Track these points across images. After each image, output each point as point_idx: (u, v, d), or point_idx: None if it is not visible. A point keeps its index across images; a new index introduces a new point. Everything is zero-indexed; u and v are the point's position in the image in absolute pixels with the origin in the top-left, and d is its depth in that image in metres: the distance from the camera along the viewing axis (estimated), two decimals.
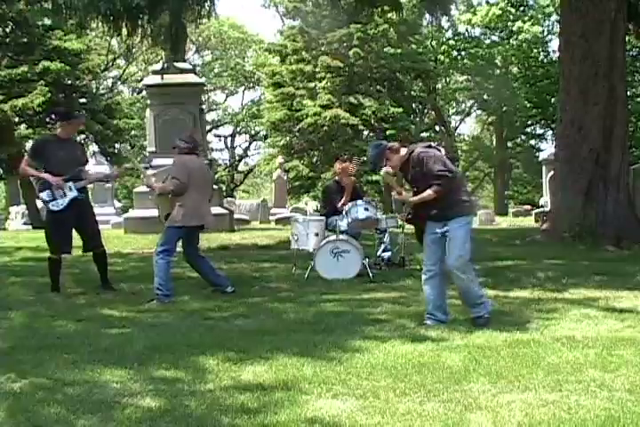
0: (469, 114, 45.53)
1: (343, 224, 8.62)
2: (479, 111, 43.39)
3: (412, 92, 34.50)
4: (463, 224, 5.59)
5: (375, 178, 30.86)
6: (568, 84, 12.21)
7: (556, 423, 3.41)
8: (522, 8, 36.10)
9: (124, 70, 43.87)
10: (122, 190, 42.08)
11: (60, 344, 5.12)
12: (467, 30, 37.79)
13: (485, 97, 38.16)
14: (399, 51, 32.06)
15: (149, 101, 16.39)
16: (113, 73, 44.02)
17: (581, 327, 5.47)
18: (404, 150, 5.73)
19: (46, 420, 3.56)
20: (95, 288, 7.76)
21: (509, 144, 40.81)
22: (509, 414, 3.54)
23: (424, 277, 5.76)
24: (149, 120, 15.59)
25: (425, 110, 37.06)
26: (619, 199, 11.71)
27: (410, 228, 6.60)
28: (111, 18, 12.29)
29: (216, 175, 31.92)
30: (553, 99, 29.20)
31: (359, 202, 8.72)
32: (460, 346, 4.89)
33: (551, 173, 17.14)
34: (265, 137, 40.27)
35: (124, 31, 12.87)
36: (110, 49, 39.46)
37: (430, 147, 5.69)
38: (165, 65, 15.61)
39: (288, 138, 32.71)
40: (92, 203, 8.48)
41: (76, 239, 7.58)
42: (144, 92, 27.91)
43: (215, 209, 13.89)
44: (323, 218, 8.83)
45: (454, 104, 44.01)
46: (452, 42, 37.15)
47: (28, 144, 33.20)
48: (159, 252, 7.20)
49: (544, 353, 4.63)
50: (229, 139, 49.11)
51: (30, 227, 22.17)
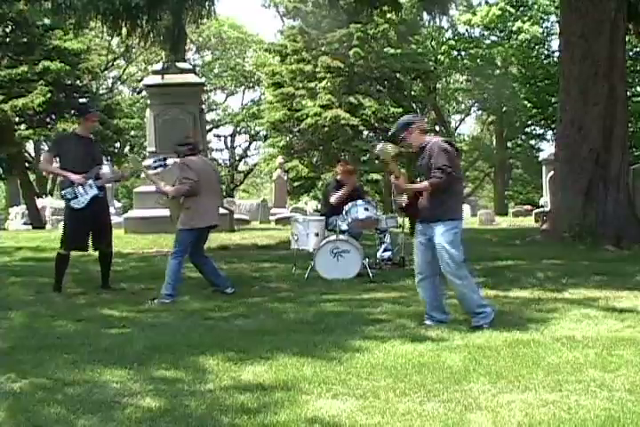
0: (469, 114, 45.61)
1: (343, 224, 8.63)
2: (479, 111, 43.40)
3: (412, 92, 34.50)
4: (449, 229, 5.46)
5: (375, 177, 30.92)
6: (568, 84, 12.21)
7: (556, 423, 3.42)
8: (521, 8, 36.11)
9: (123, 70, 43.86)
10: (122, 190, 42.08)
11: (60, 344, 5.12)
12: (467, 31, 37.82)
13: (485, 97, 38.15)
14: (399, 51, 32.04)
15: (149, 101, 16.38)
16: (113, 73, 44.04)
17: (581, 327, 5.47)
18: (428, 137, 5.68)
19: (46, 420, 3.56)
20: (95, 288, 7.77)
21: (509, 144, 40.82)
22: (509, 414, 3.55)
23: (416, 279, 5.77)
24: (149, 120, 15.58)
25: (425, 110, 37.04)
26: (619, 199, 11.71)
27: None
28: (111, 17, 12.30)
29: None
30: (553, 99, 29.19)
31: (359, 202, 8.71)
32: (460, 346, 4.89)
33: (551, 173, 17.13)
34: (265, 137, 40.25)
35: (123, 31, 12.88)
36: (110, 49, 39.44)
37: (450, 144, 5.65)
38: (165, 65, 15.60)
39: (288, 138, 32.69)
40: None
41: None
42: (144, 92, 27.94)
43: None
44: (323, 218, 8.83)
45: (454, 104, 44.01)
46: (451, 42, 37.15)
47: (28, 144, 33.31)
48: (173, 253, 7.30)
49: (544, 353, 4.63)
50: (229, 139, 49.15)
51: (30, 227, 22.17)
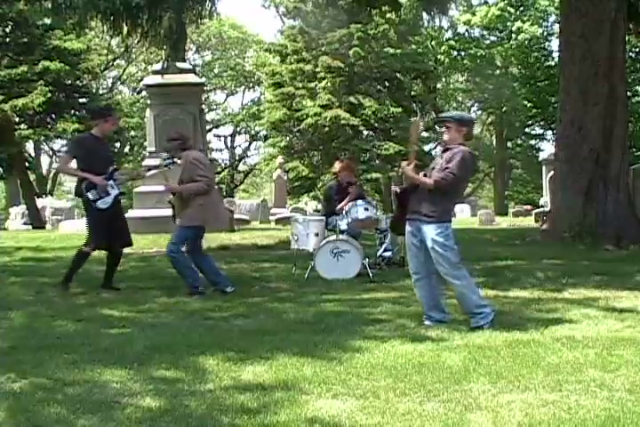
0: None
1: (343, 224, 8.62)
2: (479, 111, 43.38)
3: (412, 92, 34.47)
4: (440, 231, 5.45)
5: (374, 176, 30.89)
6: (568, 84, 12.21)
7: (556, 423, 3.41)
8: (521, 8, 36.13)
9: (123, 70, 43.84)
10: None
11: (60, 344, 5.12)
12: (466, 31, 37.83)
13: (485, 97, 38.17)
14: (399, 51, 32.05)
15: (149, 101, 16.39)
16: (113, 73, 44.02)
17: (581, 327, 5.46)
18: (459, 144, 5.59)
19: (46, 420, 3.56)
20: (95, 288, 7.76)
21: (509, 144, 40.82)
22: (509, 414, 3.54)
23: (412, 280, 5.77)
24: (149, 120, 15.58)
25: (425, 110, 37.03)
26: (619, 199, 11.72)
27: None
28: (111, 17, 12.30)
29: (216, 175, 31.88)
30: (553, 99, 29.21)
31: (359, 202, 8.71)
32: (460, 346, 4.88)
33: (551, 173, 17.14)
34: (265, 137, 40.23)
35: (123, 30, 12.87)
36: (110, 49, 39.43)
37: (473, 157, 5.62)
38: (165, 65, 15.60)
39: (288, 138, 32.69)
40: None
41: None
42: (144, 92, 27.94)
43: (214, 213, 13.91)
44: (323, 218, 8.83)
45: (454, 104, 43.99)
46: (451, 42, 37.18)
47: (28, 144, 33.28)
48: (170, 250, 7.32)
49: (544, 353, 4.63)
50: (229, 139, 49.12)
51: (30, 227, 22.17)
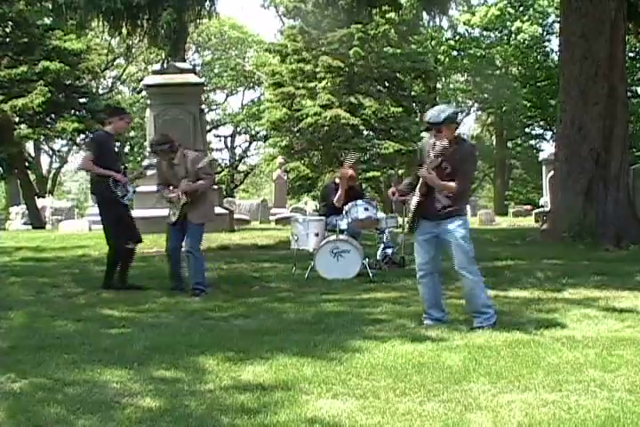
0: (469, 114, 45.60)
1: (343, 224, 8.62)
2: (479, 111, 43.41)
3: (412, 92, 34.47)
4: (461, 224, 5.56)
5: (374, 175, 30.83)
6: (568, 84, 12.21)
7: (556, 423, 3.41)
8: (520, 8, 36.13)
9: (123, 70, 43.83)
10: None
11: (60, 344, 5.12)
12: (466, 31, 37.83)
13: (485, 97, 38.17)
14: (399, 51, 32.04)
15: (149, 101, 16.37)
16: (113, 73, 44.00)
17: (581, 327, 5.46)
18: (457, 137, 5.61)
19: (46, 420, 3.56)
20: (95, 288, 7.77)
21: (509, 144, 40.83)
22: (509, 414, 3.54)
23: (417, 276, 5.78)
24: (149, 120, 15.57)
25: (425, 110, 37.04)
26: (619, 199, 11.72)
27: None
28: (111, 17, 12.29)
29: (216, 175, 31.88)
30: (553, 99, 29.21)
31: (359, 202, 8.71)
32: (460, 346, 4.88)
33: (551, 173, 17.13)
34: (265, 137, 40.22)
35: (124, 30, 12.86)
36: (110, 49, 39.42)
37: (474, 146, 5.74)
38: (165, 65, 15.60)
39: (288, 138, 32.67)
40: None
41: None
42: (144, 92, 27.92)
43: (215, 209, 13.91)
44: (323, 218, 8.82)
45: (454, 104, 43.99)
46: (451, 42, 37.18)
47: (28, 144, 33.26)
48: (194, 249, 7.39)
49: (544, 353, 4.63)
50: (229, 139, 49.11)
51: (30, 227, 22.17)
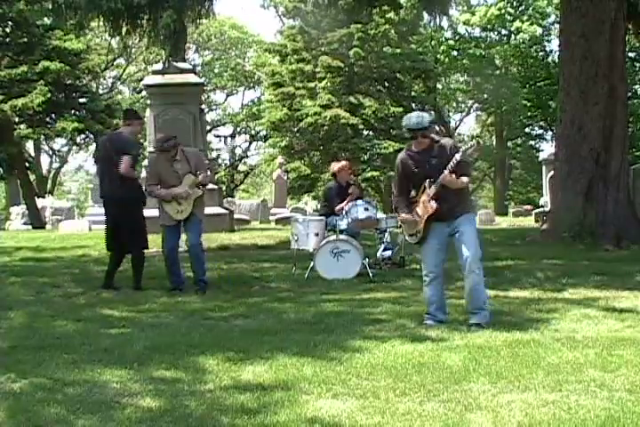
0: (469, 114, 45.61)
1: (343, 224, 8.62)
2: (479, 111, 43.39)
3: (412, 92, 34.46)
4: (471, 220, 5.71)
5: (374, 175, 30.80)
6: (568, 84, 12.21)
7: (556, 423, 3.41)
8: (520, 8, 36.12)
9: (123, 70, 43.83)
10: None
11: (60, 344, 5.12)
12: (466, 30, 37.84)
13: (485, 97, 38.16)
14: (399, 51, 32.04)
15: (149, 101, 16.37)
16: (113, 73, 44.00)
17: (581, 327, 5.47)
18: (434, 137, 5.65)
19: (46, 420, 3.56)
20: (95, 288, 7.77)
21: (509, 144, 40.82)
22: (509, 414, 3.54)
23: (427, 279, 5.72)
24: (149, 120, 15.57)
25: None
26: (619, 199, 11.71)
27: None
28: (111, 17, 12.27)
29: (216, 175, 31.87)
30: (553, 99, 29.22)
31: (359, 202, 8.71)
32: (460, 346, 4.88)
33: (551, 173, 17.12)
34: (265, 137, 40.21)
35: (124, 30, 12.84)
36: (110, 49, 39.42)
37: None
38: (165, 65, 15.59)
39: (288, 138, 32.67)
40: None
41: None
42: (144, 92, 27.92)
43: (215, 209, 13.91)
44: (323, 218, 8.83)
45: (454, 104, 44.01)
46: (451, 42, 37.18)
47: (28, 144, 33.24)
48: (200, 244, 7.58)
49: (544, 353, 4.63)
50: (229, 139, 49.10)
51: (30, 227, 22.16)
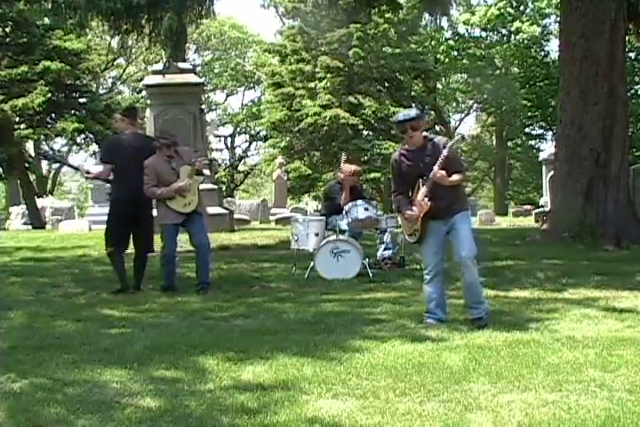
0: (469, 114, 45.62)
1: (343, 224, 8.63)
2: (479, 111, 43.39)
3: (412, 92, 34.47)
4: (466, 217, 5.70)
5: (374, 175, 30.81)
6: (568, 84, 12.21)
7: (556, 423, 3.41)
8: (520, 8, 36.15)
9: (123, 70, 43.85)
10: None
11: (60, 344, 5.12)
12: (466, 30, 37.85)
13: (485, 97, 38.17)
14: (399, 51, 32.05)
15: (149, 101, 16.37)
16: (113, 73, 44.01)
17: (581, 327, 5.46)
18: (426, 135, 5.64)
19: (46, 420, 3.56)
20: (95, 288, 7.77)
21: (509, 144, 40.82)
22: (509, 414, 3.54)
23: (427, 277, 5.72)
24: (149, 120, 15.58)
25: (425, 110, 37.04)
26: (619, 199, 11.71)
27: None
28: (111, 17, 12.27)
29: (216, 175, 31.91)
30: (553, 99, 29.21)
31: (359, 202, 8.71)
32: (460, 346, 4.88)
33: (551, 173, 17.13)
34: (265, 137, 40.22)
35: (124, 30, 12.84)
36: (110, 49, 39.43)
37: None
38: (166, 65, 15.59)
39: (288, 138, 32.68)
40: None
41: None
42: (144, 92, 27.92)
43: (215, 209, 13.92)
44: (323, 218, 8.82)
45: (454, 104, 44.01)
46: (451, 42, 37.19)
47: (28, 144, 33.21)
48: (209, 243, 7.65)
49: (544, 353, 4.63)
50: (229, 139, 49.10)
51: (30, 227, 22.16)
